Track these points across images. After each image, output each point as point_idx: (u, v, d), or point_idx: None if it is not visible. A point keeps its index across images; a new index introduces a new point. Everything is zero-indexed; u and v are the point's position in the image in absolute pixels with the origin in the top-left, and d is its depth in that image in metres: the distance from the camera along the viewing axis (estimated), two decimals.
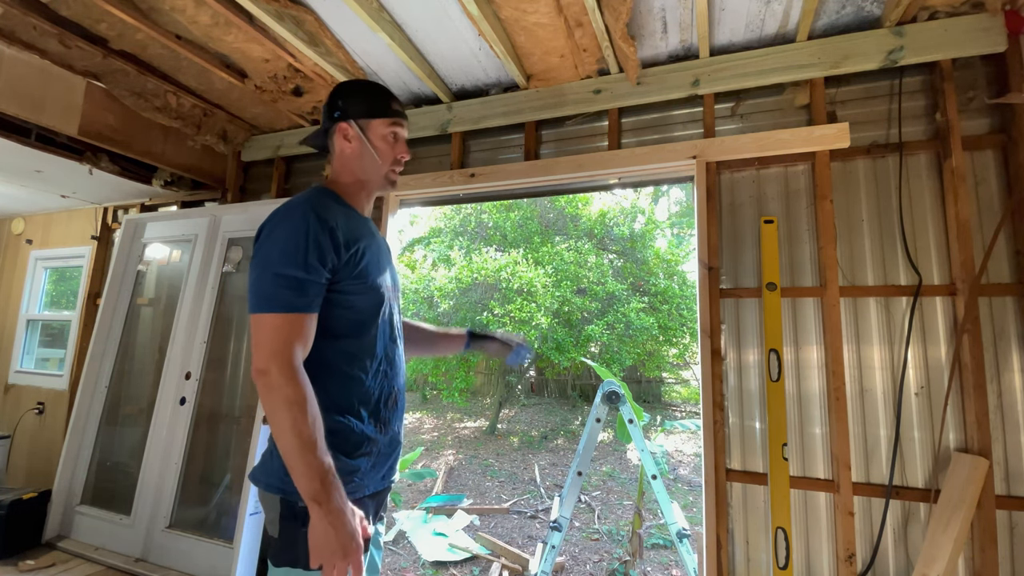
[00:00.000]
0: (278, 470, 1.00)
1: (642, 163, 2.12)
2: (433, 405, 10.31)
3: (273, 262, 0.99)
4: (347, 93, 1.23)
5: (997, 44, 1.71)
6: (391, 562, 3.73)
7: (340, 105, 1.21)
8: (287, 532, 1.00)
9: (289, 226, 1.01)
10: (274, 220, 1.05)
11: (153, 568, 2.49)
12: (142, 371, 3.00)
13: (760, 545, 1.82)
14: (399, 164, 1.25)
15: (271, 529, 1.02)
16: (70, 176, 2.84)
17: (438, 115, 2.50)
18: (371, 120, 1.20)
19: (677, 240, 9.41)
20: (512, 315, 6.60)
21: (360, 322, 1.10)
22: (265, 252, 1.01)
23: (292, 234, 1.00)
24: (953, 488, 1.60)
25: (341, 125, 1.20)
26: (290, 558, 0.99)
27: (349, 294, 1.07)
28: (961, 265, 1.68)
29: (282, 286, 0.97)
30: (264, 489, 1.04)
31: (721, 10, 1.83)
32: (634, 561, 3.61)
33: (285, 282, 0.97)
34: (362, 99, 1.22)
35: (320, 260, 1.00)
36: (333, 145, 1.23)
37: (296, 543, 0.99)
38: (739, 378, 1.94)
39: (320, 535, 0.90)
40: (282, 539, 1.00)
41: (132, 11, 1.94)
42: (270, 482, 1.03)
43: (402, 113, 1.25)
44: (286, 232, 1.01)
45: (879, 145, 1.88)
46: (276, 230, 1.02)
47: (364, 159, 1.20)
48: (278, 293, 0.97)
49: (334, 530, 0.90)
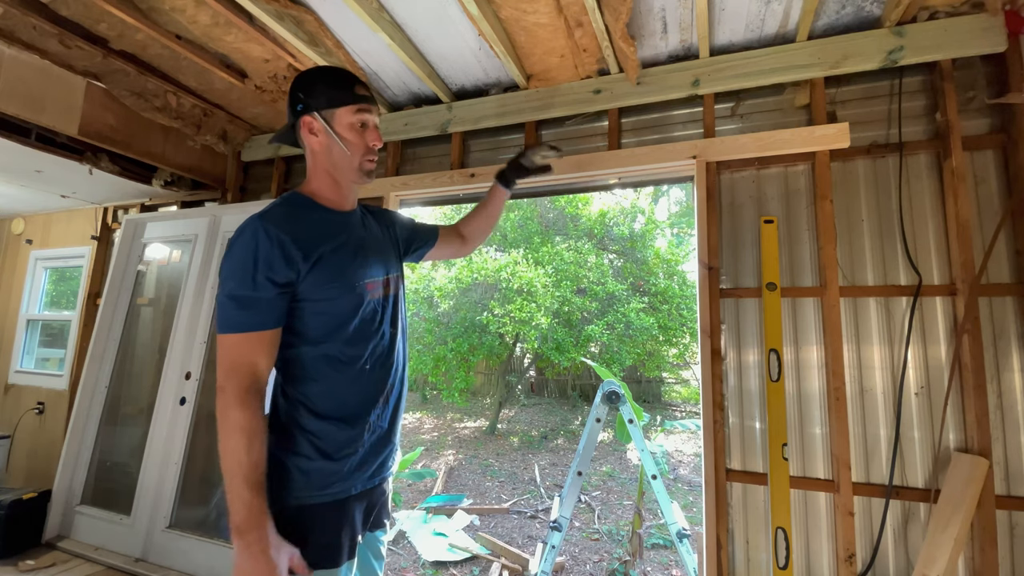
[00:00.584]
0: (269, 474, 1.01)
1: (642, 163, 2.12)
2: (433, 405, 10.31)
3: (226, 284, 0.99)
4: (307, 83, 1.14)
5: (997, 44, 1.71)
6: (391, 562, 3.73)
7: (301, 97, 1.13)
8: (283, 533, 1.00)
9: (240, 246, 1.01)
10: (232, 239, 1.04)
11: (153, 568, 2.49)
12: (142, 371, 3.00)
13: (760, 545, 1.82)
14: (372, 153, 1.17)
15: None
16: (70, 176, 2.84)
17: (438, 115, 2.50)
18: (335, 110, 1.12)
19: (677, 240, 9.40)
20: (512, 315, 6.59)
21: (338, 325, 1.08)
22: (222, 274, 1.01)
23: (241, 254, 1.00)
24: (953, 488, 1.60)
25: (305, 119, 1.13)
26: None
27: (320, 300, 1.06)
28: (961, 265, 1.68)
29: (234, 307, 0.98)
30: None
31: (721, 10, 1.83)
32: (634, 561, 3.61)
33: (235, 303, 0.98)
34: (323, 88, 1.13)
35: (270, 277, 0.99)
36: (301, 141, 1.17)
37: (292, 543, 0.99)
38: (739, 378, 1.94)
39: (239, 566, 0.92)
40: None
41: (132, 11, 1.94)
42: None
43: (369, 98, 1.17)
44: (237, 252, 1.00)
45: (879, 145, 1.88)
46: (231, 250, 1.02)
47: (333, 152, 1.14)
48: (231, 315, 0.98)
49: (252, 561, 0.91)
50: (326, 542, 1.06)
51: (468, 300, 7.25)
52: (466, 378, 7.43)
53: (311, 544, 1.02)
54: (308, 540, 1.02)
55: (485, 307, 7.03)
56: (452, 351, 7.14)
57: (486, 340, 7.20)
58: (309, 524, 1.04)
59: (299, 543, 0.99)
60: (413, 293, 7.65)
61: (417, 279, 8.03)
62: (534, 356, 8.72)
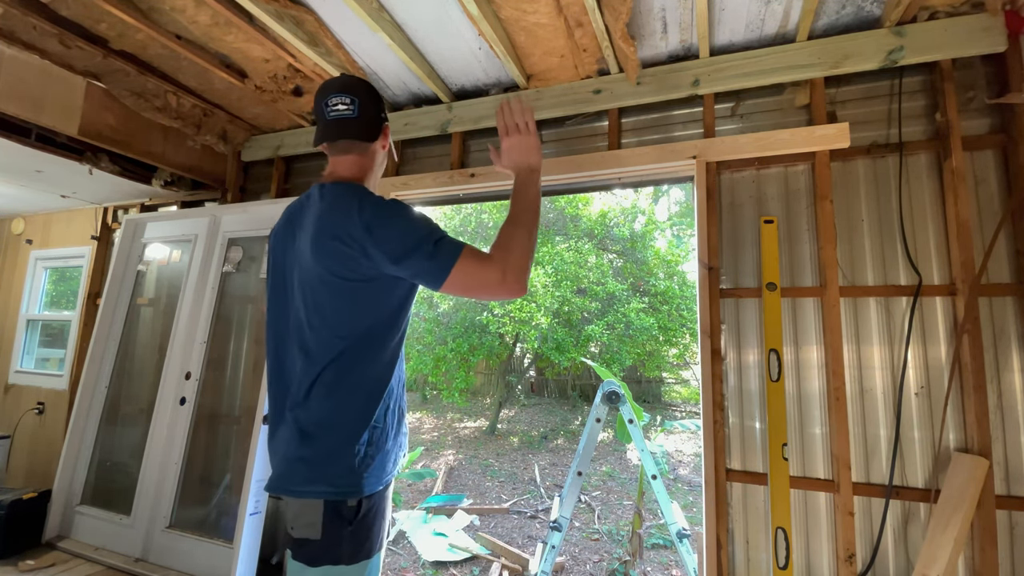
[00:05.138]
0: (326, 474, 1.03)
1: (642, 163, 2.12)
2: (433, 405, 10.31)
3: (419, 225, 1.06)
4: (378, 95, 1.26)
5: (997, 44, 1.71)
6: (391, 562, 3.73)
7: (383, 108, 1.26)
8: (331, 532, 1.01)
9: (399, 207, 1.10)
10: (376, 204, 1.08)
11: (153, 568, 2.49)
12: (142, 371, 3.00)
13: (760, 545, 1.82)
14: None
15: (307, 531, 1.01)
16: (70, 176, 2.84)
17: (438, 115, 2.50)
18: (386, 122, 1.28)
19: (677, 240, 9.40)
20: (512, 315, 6.59)
21: (397, 307, 1.16)
22: (405, 226, 1.05)
23: (407, 211, 1.09)
24: (953, 488, 1.60)
25: (386, 127, 1.27)
26: (333, 557, 1.01)
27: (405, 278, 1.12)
28: (961, 265, 1.68)
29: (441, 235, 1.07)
30: (309, 498, 1.03)
31: (721, 10, 1.83)
32: (634, 561, 3.61)
33: (440, 232, 1.07)
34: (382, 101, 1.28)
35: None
36: (374, 144, 1.24)
37: (341, 542, 1.01)
38: (739, 378, 1.94)
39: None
40: (325, 540, 1.01)
41: (132, 11, 1.94)
42: (314, 489, 1.02)
43: None
44: (404, 212, 1.09)
45: (879, 145, 1.88)
46: (392, 212, 1.08)
47: (384, 161, 1.30)
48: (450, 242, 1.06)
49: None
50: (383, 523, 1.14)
51: (468, 300, 7.25)
52: (466, 378, 7.43)
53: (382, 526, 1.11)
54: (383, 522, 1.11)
55: (485, 307, 7.03)
56: (452, 351, 7.14)
57: (486, 340, 7.20)
58: (385, 505, 1.13)
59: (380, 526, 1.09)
60: None
61: None
62: (534, 356, 8.73)
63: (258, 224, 2.83)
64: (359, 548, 1.04)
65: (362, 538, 1.05)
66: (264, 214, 2.81)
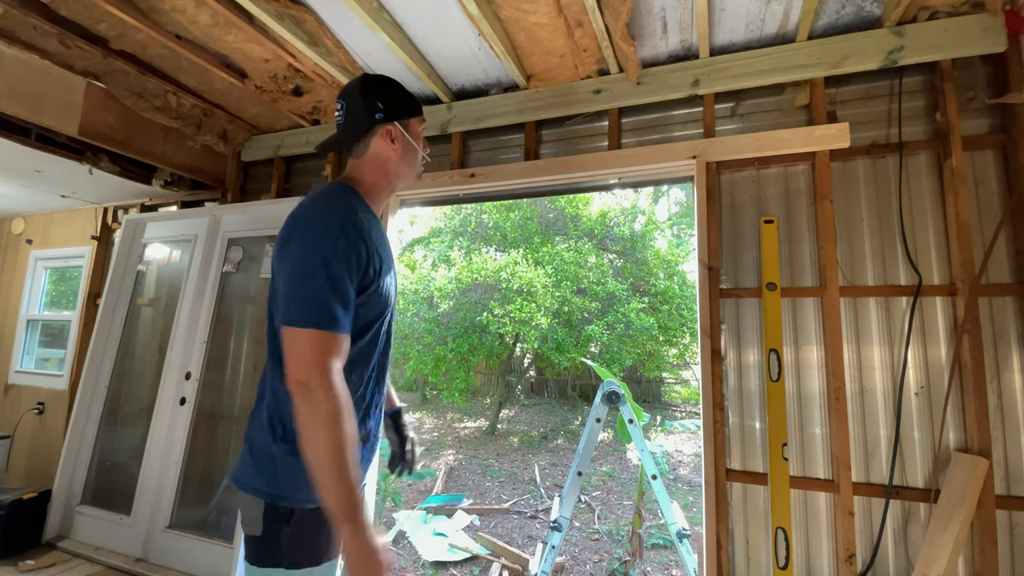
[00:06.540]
0: (265, 474, 1.01)
1: (642, 163, 2.12)
2: (433, 405, 10.30)
3: (316, 275, 0.95)
4: (385, 92, 1.19)
5: (997, 44, 1.71)
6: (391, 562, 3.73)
7: (380, 107, 1.17)
8: (270, 532, 0.99)
9: (327, 234, 0.97)
10: (306, 225, 1.00)
11: (153, 568, 2.49)
12: (142, 371, 3.00)
13: (760, 545, 1.82)
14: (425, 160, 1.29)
15: (251, 528, 1.00)
16: (70, 176, 2.84)
17: (438, 115, 2.50)
18: (410, 120, 1.22)
19: (677, 240, 9.40)
20: (512, 315, 6.59)
21: (360, 327, 1.07)
22: (303, 263, 0.96)
23: (332, 246, 0.97)
24: (953, 488, 1.60)
25: (387, 127, 1.17)
26: (272, 557, 0.99)
27: (360, 305, 1.04)
28: (961, 265, 1.68)
29: (324, 302, 0.94)
30: (250, 493, 1.02)
31: (721, 10, 1.83)
32: (634, 561, 3.61)
33: (327, 298, 0.94)
34: (399, 98, 1.20)
35: (354, 273, 0.99)
36: (369, 146, 1.18)
37: (279, 542, 0.99)
38: (739, 378, 1.94)
39: (356, 553, 0.87)
40: (265, 538, 0.99)
41: (132, 11, 1.94)
42: (257, 486, 1.01)
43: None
44: (325, 243, 0.97)
45: (879, 145, 1.88)
46: (312, 238, 0.98)
47: (405, 160, 1.21)
48: (322, 310, 0.94)
49: (370, 546, 0.88)
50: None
51: (468, 300, 7.24)
52: (466, 378, 7.43)
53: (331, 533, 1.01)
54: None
55: (485, 307, 7.03)
56: (452, 351, 7.14)
57: (486, 340, 7.20)
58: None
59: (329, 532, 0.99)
60: (413, 293, 7.65)
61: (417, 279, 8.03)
62: (534, 356, 8.73)
63: (258, 224, 2.83)
64: (300, 551, 0.99)
65: (304, 540, 0.99)
66: (264, 214, 2.81)
